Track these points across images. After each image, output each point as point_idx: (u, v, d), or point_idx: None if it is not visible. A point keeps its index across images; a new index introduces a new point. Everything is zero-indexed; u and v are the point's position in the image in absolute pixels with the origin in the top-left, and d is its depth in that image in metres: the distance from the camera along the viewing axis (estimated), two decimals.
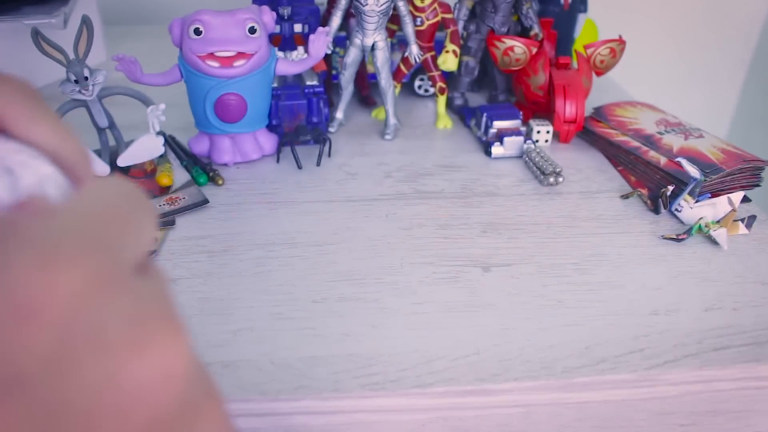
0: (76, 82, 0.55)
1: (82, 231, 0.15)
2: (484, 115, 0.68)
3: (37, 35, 0.53)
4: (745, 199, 0.58)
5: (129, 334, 0.15)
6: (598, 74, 0.72)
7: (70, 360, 0.14)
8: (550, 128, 0.68)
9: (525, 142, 0.65)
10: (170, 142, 0.65)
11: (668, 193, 0.56)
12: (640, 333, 0.43)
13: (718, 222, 0.54)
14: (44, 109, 0.20)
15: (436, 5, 0.68)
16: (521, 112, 0.69)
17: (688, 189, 0.56)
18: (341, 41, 0.74)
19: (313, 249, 0.51)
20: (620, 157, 0.65)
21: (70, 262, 0.14)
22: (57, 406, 0.14)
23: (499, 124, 0.67)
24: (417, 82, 0.80)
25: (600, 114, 0.70)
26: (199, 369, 0.18)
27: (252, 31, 0.56)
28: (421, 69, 0.76)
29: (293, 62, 0.62)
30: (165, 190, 0.57)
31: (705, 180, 0.56)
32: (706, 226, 0.53)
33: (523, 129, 0.67)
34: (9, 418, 0.13)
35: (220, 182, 0.59)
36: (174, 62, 0.58)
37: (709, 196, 0.56)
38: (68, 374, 0.14)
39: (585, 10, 0.81)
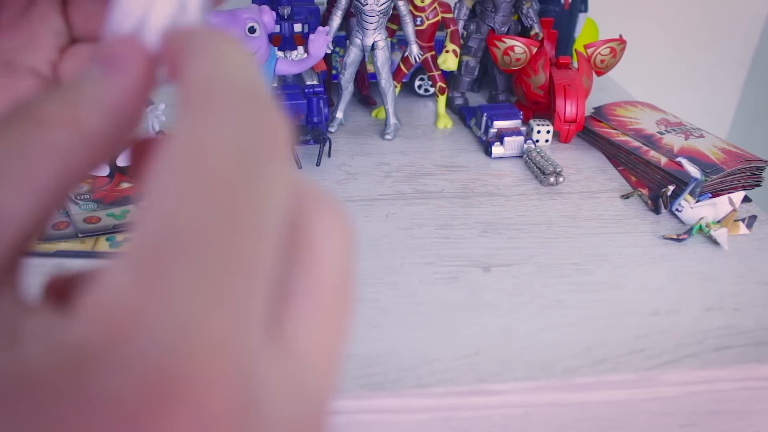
0: None
1: None
2: (485, 114, 0.68)
3: None
4: (746, 199, 0.58)
5: None
6: (599, 74, 0.72)
7: None
8: (551, 128, 0.68)
9: (525, 141, 0.65)
10: None
11: (669, 193, 0.56)
12: (640, 333, 0.43)
13: (718, 222, 0.54)
14: None
15: (436, 5, 0.68)
16: (521, 112, 0.68)
17: (689, 189, 0.56)
18: (341, 41, 0.73)
19: None
20: (621, 157, 0.64)
21: None
22: None
23: (499, 124, 0.67)
24: (417, 82, 0.80)
25: (600, 114, 0.70)
26: None
27: (252, 30, 0.56)
28: (421, 69, 0.76)
29: (293, 62, 0.62)
30: None
31: (705, 180, 0.56)
32: (706, 226, 0.53)
33: (523, 129, 0.67)
34: None
35: None
36: None
37: (710, 196, 0.56)
38: None
39: (585, 10, 0.80)
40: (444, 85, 0.72)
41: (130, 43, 0.15)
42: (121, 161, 0.57)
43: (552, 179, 0.60)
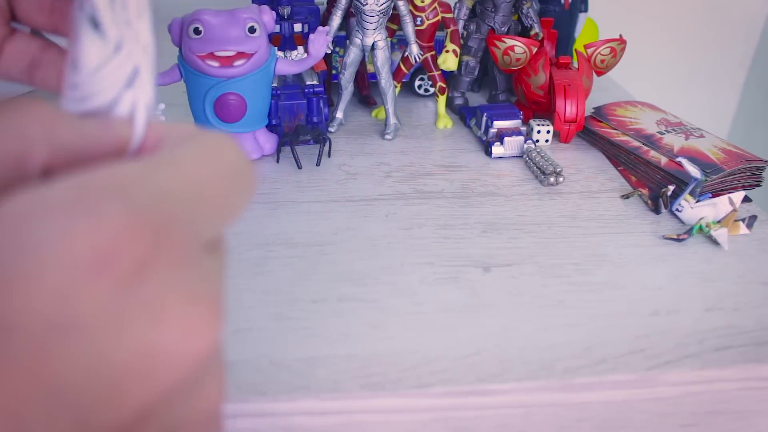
0: None
1: (179, 199, 0.16)
2: (485, 114, 0.68)
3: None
4: (746, 199, 0.58)
5: (181, 311, 0.15)
6: (599, 74, 0.72)
7: (121, 319, 0.15)
8: (551, 128, 0.68)
9: (525, 141, 0.65)
10: None
11: (669, 193, 0.56)
12: (640, 333, 0.43)
13: (718, 222, 0.54)
14: None
15: (436, 5, 0.68)
16: (521, 112, 0.68)
17: (689, 189, 0.56)
18: (341, 41, 0.73)
19: (312, 249, 0.50)
20: (621, 157, 0.64)
21: (154, 226, 0.15)
22: (94, 360, 0.14)
23: (499, 124, 0.67)
24: (417, 82, 0.80)
25: (600, 114, 0.70)
26: (219, 350, 0.19)
27: (252, 30, 0.56)
28: (421, 69, 0.76)
29: (293, 62, 0.62)
30: None
31: (706, 180, 0.56)
32: (706, 226, 0.53)
33: (523, 129, 0.67)
34: (56, 367, 0.14)
35: None
36: (173, 62, 0.58)
37: (710, 196, 0.56)
38: (115, 332, 0.14)
39: (585, 10, 0.80)
40: (444, 85, 0.72)
41: (126, 122, 0.19)
42: None
43: (552, 179, 0.60)
